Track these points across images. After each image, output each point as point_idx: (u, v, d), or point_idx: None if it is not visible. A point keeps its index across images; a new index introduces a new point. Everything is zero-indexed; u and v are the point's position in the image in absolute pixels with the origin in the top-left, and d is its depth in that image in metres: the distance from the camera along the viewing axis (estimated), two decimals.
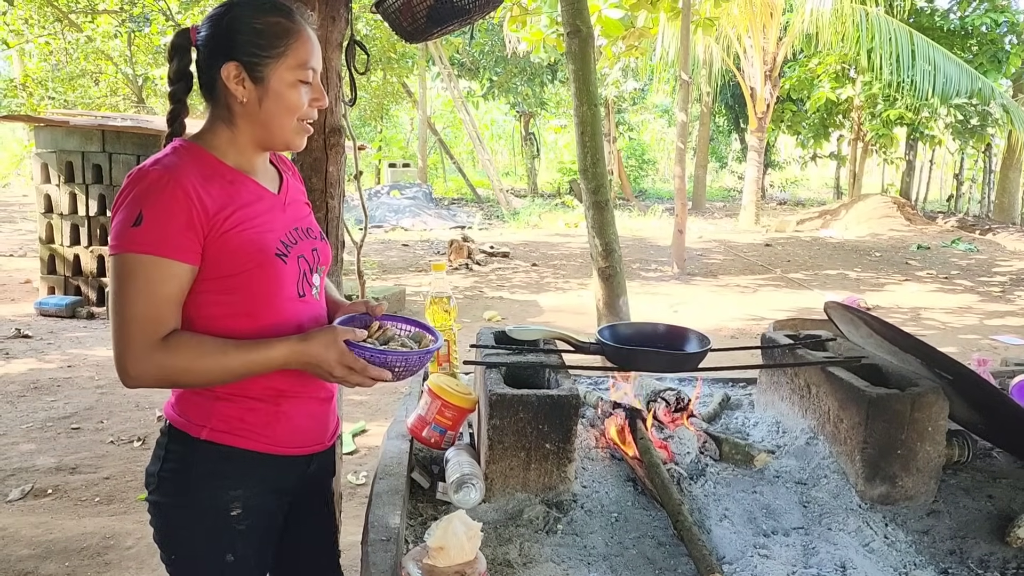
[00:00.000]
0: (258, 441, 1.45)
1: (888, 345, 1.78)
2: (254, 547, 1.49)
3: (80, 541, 3.27)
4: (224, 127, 1.42)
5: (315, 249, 1.52)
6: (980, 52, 15.36)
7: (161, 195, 1.29)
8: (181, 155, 1.36)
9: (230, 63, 1.36)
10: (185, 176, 1.31)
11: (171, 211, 1.29)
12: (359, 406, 5.08)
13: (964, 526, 1.57)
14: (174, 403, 1.47)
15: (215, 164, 1.39)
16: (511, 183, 25.23)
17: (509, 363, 1.76)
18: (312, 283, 1.50)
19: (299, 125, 1.43)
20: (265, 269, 1.39)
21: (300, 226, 1.51)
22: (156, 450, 1.48)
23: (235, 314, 1.39)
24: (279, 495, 1.53)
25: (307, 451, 1.55)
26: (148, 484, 1.48)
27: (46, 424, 4.65)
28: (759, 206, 17.28)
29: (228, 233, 1.35)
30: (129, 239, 1.28)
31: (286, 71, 1.38)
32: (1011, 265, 12.00)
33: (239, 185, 1.41)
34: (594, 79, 4.14)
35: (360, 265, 2.96)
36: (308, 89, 1.42)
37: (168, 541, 1.48)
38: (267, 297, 1.41)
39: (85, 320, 7.40)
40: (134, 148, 7.76)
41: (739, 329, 7.45)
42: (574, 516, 1.55)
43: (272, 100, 1.38)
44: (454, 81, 19.13)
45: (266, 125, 1.41)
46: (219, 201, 1.35)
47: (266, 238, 1.40)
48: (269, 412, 1.45)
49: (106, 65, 15.80)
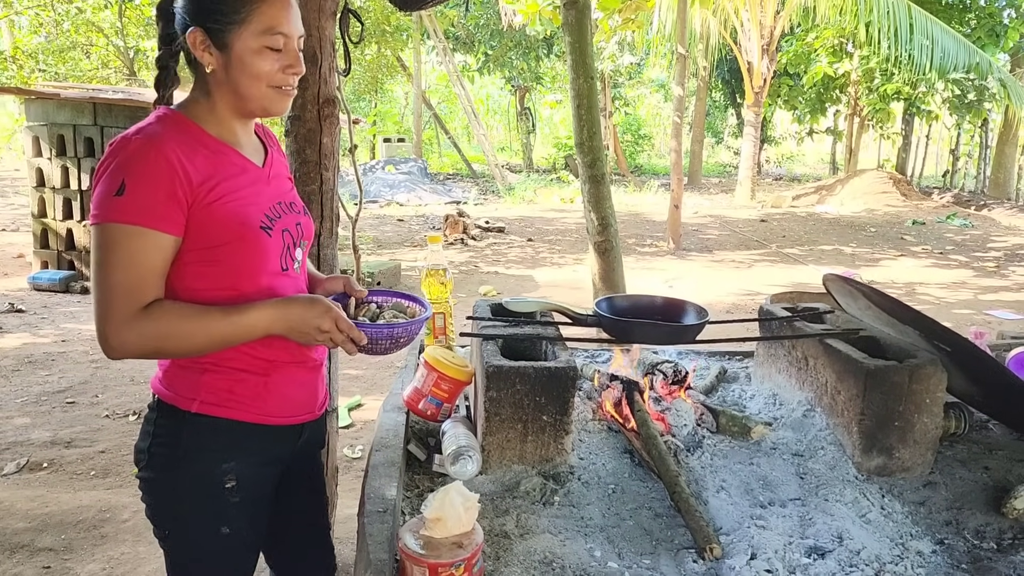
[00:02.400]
0: (248, 412, 1.44)
1: (886, 317, 1.78)
2: (248, 519, 1.49)
3: (76, 514, 3.27)
4: (203, 96, 1.39)
5: (299, 223, 1.51)
6: (978, 26, 15.26)
7: (144, 164, 1.26)
8: (165, 124, 1.34)
9: (196, 30, 1.33)
10: (168, 145, 1.29)
11: (154, 181, 1.26)
12: (355, 380, 5.08)
13: (960, 497, 1.57)
14: (161, 377, 1.45)
15: (199, 134, 1.37)
16: (507, 158, 25.11)
17: (506, 335, 1.75)
18: (295, 257, 1.49)
19: (273, 91, 1.39)
20: (249, 242, 1.37)
21: (284, 200, 1.49)
22: (145, 426, 1.47)
23: (218, 287, 1.37)
24: (271, 466, 1.52)
25: (298, 420, 1.54)
26: (139, 461, 1.46)
27: (41, 398, 4.64)
28: (755, 181, 17.24)
29: (212, 205, 1.33)
30: (111, 209, 1.26)
31: (250, 37, 1.34)
32: (1006, 241, 12.01)
33: (223, 156, 1.38)
34: (591, 51, 4.10)
35: (355, 240, 2.94)
36: (279, 56, 1.37)
37: (161, 517, 1.48)
38: (251, 270, 1.39)
39: (79, 295, 7.36)
40: (126, 121, 7.67)
41: (734, 304, 7.46)
42: (571, 488, 1.55)
43: (237, 67, 1.35)
44: (449, 55, 18.95)
45: (236, 92, 1.37)
46: (203, 172, 1.32)
47: (250, 211, 1.38)
48: (258, 383, 1.44)
49: (97, 37, 15.62)
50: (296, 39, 1.39)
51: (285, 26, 1.36)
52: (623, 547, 1.40)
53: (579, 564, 1.32)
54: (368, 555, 1.25)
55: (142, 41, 14.90)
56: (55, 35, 15.51)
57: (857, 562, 1.34)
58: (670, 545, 1.41)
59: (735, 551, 1.37)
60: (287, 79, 1.39)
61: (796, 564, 1.34)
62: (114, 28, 15.27)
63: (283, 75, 1.38)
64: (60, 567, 2.92)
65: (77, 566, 2.93)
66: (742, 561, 1.33)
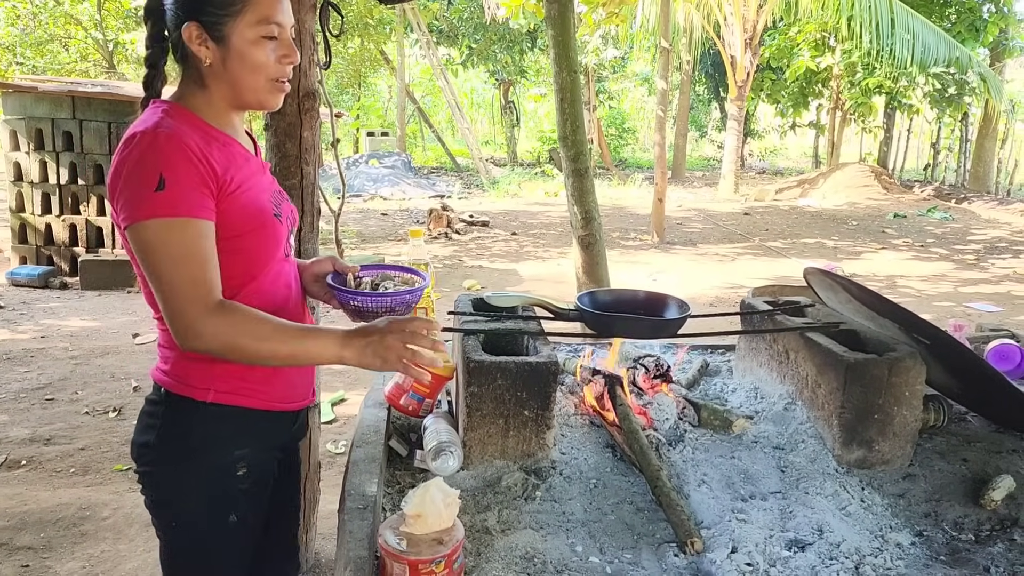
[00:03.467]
0: (257, 398, 1.45)
1: (866, 310, 1.78)
2: (253, 507, 1.50)
3: (55, 512, 3.24)
4: (199, 90, 1.39)
5: (291, 210, 1.56)
6: (958, 21, 15.37)
7: (177, 156, 1.26)
8: (175, 117, 1.33)
9: (191, 24, 1.33)
10: (189, 137, 1.29)
11: (188, 171, 1.27)
12: (338, 375, 5.06)
13: (939, 489, 1.58)
14: (168, 369, 1.42)
15: (205, 127, 1.37)
16: (491, 152, 25.08)
17: (488, 330, 1.74)
18: (291, 243, 1.54)
19: (271, 84, 1.39)
20: (267, 229, 1.41)
21: (275, 188, 1.53)
22: (146, 419, 1.45)
23: (238, 275, 1.38)
24: (275, 451, 1.55)
25: (297, 406, 1.57)
26: (141, 456, 1.44)
27: (19, 395, 4.58)
28: (738, 175, 17.31)
29: (234, 194, 1.34)
30: (155, 204, 1.24)
31: (247, 28, 1.33)
32: (985, 233, 12.13)
33: (231, 147, 1.40)
34: (574, 44, 4.09)
35: (338, 234, 2.93)
36: (275, 45, 1.37)
37: (168, 509, 1.46)
38: (266, 257, 1.43)
39: (58, 290, 7.29)
40: (105, 115, 7.60)
41: (717, 297, 7.49)
42: (553, 483, 1.55)
43: (236, 59, 1.35)
44: (433, 48, 18.87)
45: (234, 85, 1.38)
46: (222, 163, 1.33)
47: (262, 198, 1.42)
48: (268, 369, 1.45)
49: (76, 30, 15.44)
50: (289, 28, 1.40)
51: (279, 15, 1.37)
52: (605, 542, 1.40)
53: (560, 559, 1.32)
54: (348, 552, 1.24)
55: (121, 34, 14.73)
56: (32, 27, 15.31)
57: (837, 555, 1.35)
58: (652, 539, 1.41)
59: (716, 545, 1.37)
60: (284, 70, 1.40)
61: (777, 557, 1.34)
62: (93, 21, 15.09)
63: (280, 66, 1.39)
64: (39, 566, 2.89)
65: (57, 565, 2.90)
66: (723, 555, 1.33)
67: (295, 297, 1.54)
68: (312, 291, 1.62)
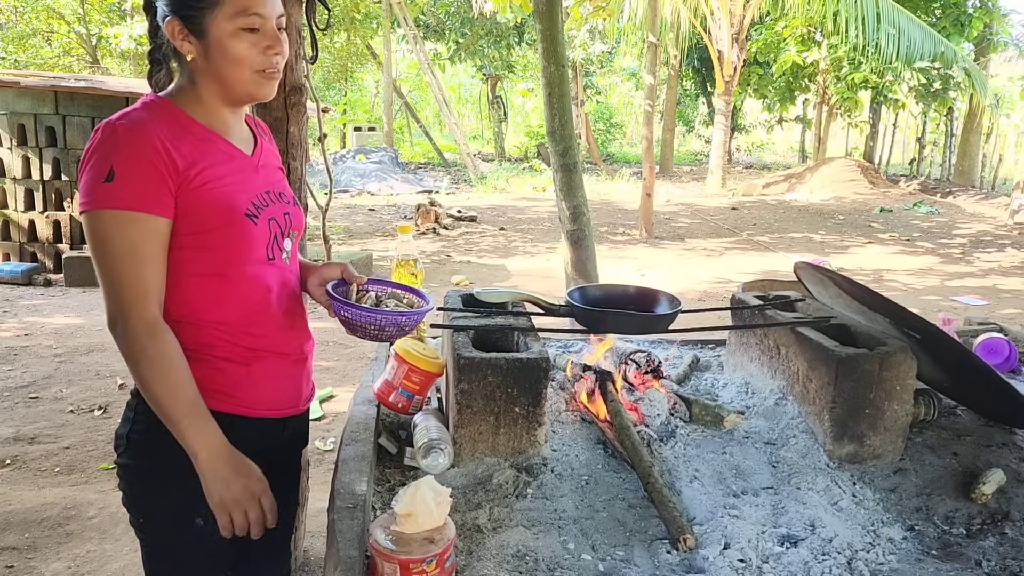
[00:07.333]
0: (229, 403, 1.43)
1: (857, 305, 1.78)
2: None
3: (40, 512, 3.20)
4: (188, 85, 1.39)
5: (287, 214, 1.51)
6: (944, 16, 15.45)
7: (130, 148, 1.27)
8: (151, 110, 1.34)
9: (172, 19, 1.33)
10: (153, 130, 1.29)
11: (142, 164, 1.27)
12: (327, 372, 5.03)
13: (930, 483, 1.58)
14: None
15: (187, 122, 1.37)
16: (478, 147, 25.02)
17: (477, 326, 1.73)
18: (283, 248, 1.50)
19: (257, 75, 1.37)
20: (235, 228, 1.38)
21: (272, 190, 1.49)
22: (126, 412, 1.45)
23: (208, 273, 1.38)
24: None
25: (280, 414, 1.54)
26: (117, 446, 1.45)
27: (3, 394, 4.53)
28: (726, 170, 17.35)
29: (198, 190, 1.33)
30: (102, 195, 1.26)
31: (224, 21, 1.32)
32: (971, 227, 12.21)
33: (210, 144, 1.38)
34: (562, 39, 4.07)
35: (325, 230, 2.91)
36: (257, 37, 1.35)
37: (136, 504, 1.46)
38: (237, 257, 1.40)
39: (42, 287, 7.21)
40: (89, 110, 7.53)
41: (705, 292, 7.50)
42: (544, 480, 1.54)
43: (217, 53, 1.34)
44: (420, 43, 18.79)
45: (219, 79, 1.36)
46: (188, 158, 1.32)
47: (236, 198, 1.39)
48: (240, 372, 1.43)
49: (58, 24, 15.28)
50: (275, 19, 1.37)
51: (260, 6, 1.34)
52: (597, 539, 1.39)
53: (552, 557, 1.31)
54: (338, 552, 1.23)
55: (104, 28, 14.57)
56: (14, 21, 15.15)
57: (829, 550, 1.35)
58: (644, 536, 1.41)
59: (709, 541, 1.36)
60: (269, 61, 1.38)
61: (769, 553, 1.34)
62: (76, 15, 14.94)
63: (264, 57, 1.37)
64: (24, 566, 2.86)
65: (42, 565, 2.87)
66: (716, 551, 1.32)
67: (280, 303, 1.49)
68: (315, 295, 1.59)
